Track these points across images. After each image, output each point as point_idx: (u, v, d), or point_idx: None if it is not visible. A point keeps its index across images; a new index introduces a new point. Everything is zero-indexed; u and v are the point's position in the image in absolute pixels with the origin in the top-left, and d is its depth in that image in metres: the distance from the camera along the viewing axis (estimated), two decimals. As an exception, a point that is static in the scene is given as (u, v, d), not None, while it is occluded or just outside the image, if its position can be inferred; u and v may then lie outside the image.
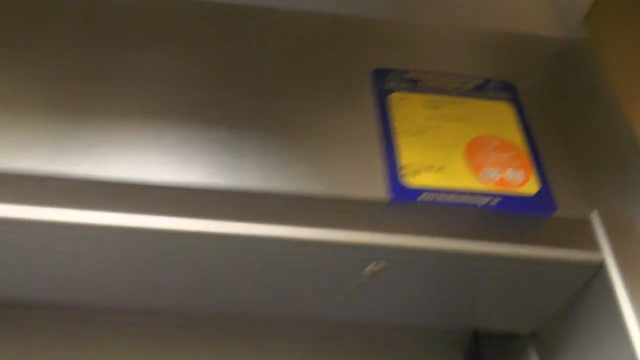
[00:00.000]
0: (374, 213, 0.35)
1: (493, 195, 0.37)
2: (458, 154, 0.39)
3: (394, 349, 0.50)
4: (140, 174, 0.35)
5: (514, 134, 0.41)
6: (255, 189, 0.35)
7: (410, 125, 0.40)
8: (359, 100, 0.41)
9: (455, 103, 0.42)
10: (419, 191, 0.36)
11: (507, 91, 0.43)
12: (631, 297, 0.34)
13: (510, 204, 0.37)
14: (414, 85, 0.43)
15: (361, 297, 0.38)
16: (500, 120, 0.41)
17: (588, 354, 0.38)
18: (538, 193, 0.38)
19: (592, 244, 0.35)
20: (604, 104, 0.41)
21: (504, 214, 0.37)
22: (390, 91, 0.42)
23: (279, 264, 0.35)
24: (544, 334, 0.44)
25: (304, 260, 0.34)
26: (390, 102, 0.41)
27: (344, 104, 0.40)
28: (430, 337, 0.49)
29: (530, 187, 0.38)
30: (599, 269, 0.35)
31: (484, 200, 0.37)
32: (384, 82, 0.42)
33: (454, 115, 0.41)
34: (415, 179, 0.37)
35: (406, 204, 0.36)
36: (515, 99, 0.43)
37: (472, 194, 0.37)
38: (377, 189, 0.36)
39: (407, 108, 0.41)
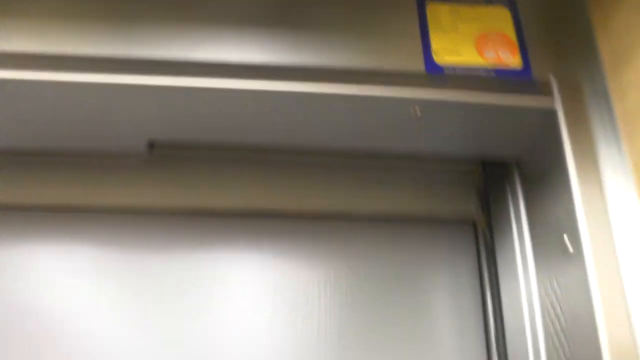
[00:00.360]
0: (417, 79, 0.58)
1: (493, 68, 0.59)
2: (470, 43, 0.60)
3: (416, 180, 0.72)
4: (237, 57, 0.58)
5: (509, 29, 0.62)
6: (337, 65, 0.58)
7: (439, 25, 0.62)
8: (406, 12, 0.63)
9: (470, 9, 0.63)
10: (445, 65, 0.59)
11: (507, 0, 0.64)
12: (571, 138, 0.56)
13: (503, 73, 0.59)
14: (443, -3, 0.64)
15: (405, 131, 0.62)
16: (500, 20, 0.63)
17: (547, 182, 0.60)
18: (521, 66, 0.60)
19: (549, 95, 0.58)
20: (573, 8, 0.62)
21: (499, 79, 0.59)
22: (427, 2, 0.63)
23: (353, 110, 0.59)
24: (523, 165, 0.67)
25: (375, 107, 0.58)
26: (426, 11, 0.63)
27: (395, 14, 0.62)
28: (452, 169, 0.73)
29: (517, 62, 0.60)
30: (553, 114, 0.58)
31: (487, 71, 0.59)
32: (423, -4, 0.64)
33: (469, 18, 0.62)
34: (443, 59, 0.59)
35: (437, 73, 0.59)
36: (512, 5, 0.64)
37: (479, 67, 0.59)
38: (418, 65, 0.59)
39: (437, 14, 0.62)
